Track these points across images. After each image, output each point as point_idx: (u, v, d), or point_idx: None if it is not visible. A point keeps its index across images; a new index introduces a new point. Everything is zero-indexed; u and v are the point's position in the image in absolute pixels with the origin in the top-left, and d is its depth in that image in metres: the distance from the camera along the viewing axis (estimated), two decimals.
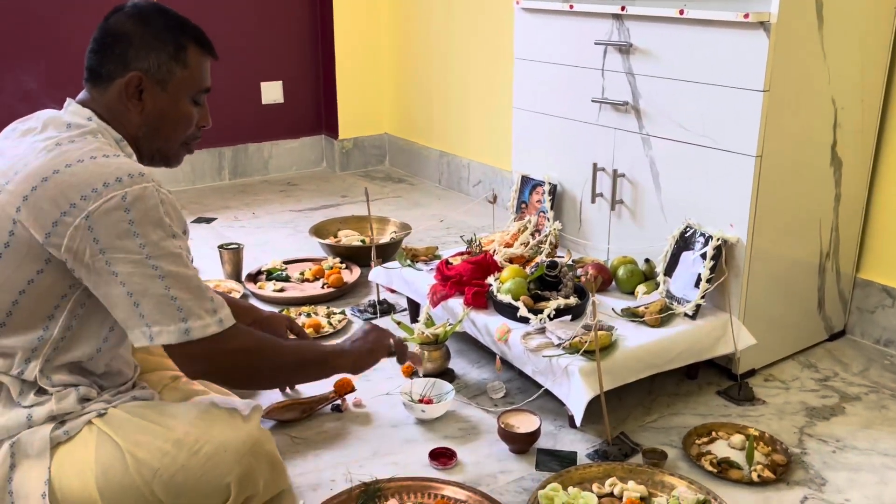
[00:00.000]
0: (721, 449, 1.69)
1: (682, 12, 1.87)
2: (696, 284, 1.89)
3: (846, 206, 2.07)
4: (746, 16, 1.73)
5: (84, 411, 1.31)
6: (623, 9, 2.01)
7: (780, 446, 1.68)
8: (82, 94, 1.37)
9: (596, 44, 2.11)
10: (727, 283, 1.89)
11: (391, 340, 1.62)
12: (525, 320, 1.86)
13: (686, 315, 1.89)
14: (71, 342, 1.31)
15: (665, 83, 1.97)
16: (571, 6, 2.15)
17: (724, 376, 1.99)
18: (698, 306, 1.88)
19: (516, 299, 1.89)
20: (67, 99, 1.37)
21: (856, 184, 2.07)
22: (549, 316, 1.84)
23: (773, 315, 2.00)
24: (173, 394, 1.55)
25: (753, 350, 1.92)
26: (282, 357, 1.42)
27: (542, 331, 1.82)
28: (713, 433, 1.74)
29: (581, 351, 1.70)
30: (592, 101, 2.16)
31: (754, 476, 1.59)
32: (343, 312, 2.35)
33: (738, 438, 1.69)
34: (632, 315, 1.90)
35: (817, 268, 2.07)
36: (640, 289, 2.01)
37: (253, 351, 1.36)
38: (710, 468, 1.62)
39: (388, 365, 2.04)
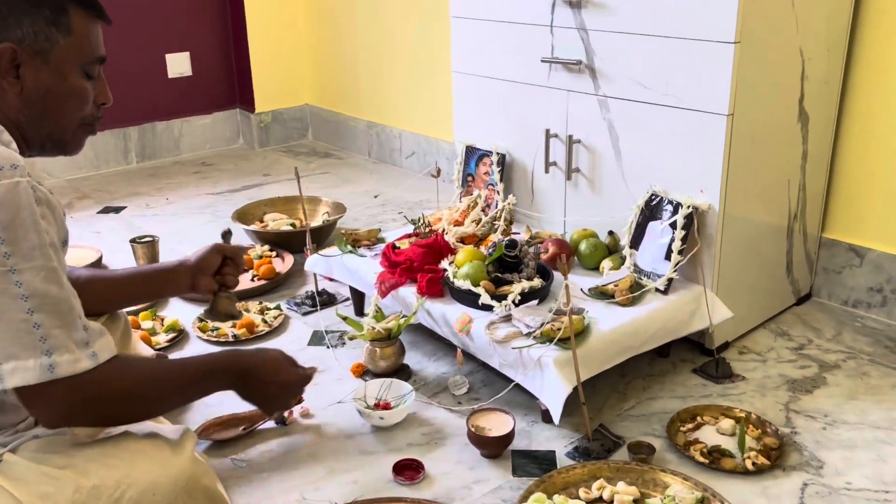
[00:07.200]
0: (709, 435, 1.56)
1: None
2: (667, 256, 1.74)
3: (812, 162, 1.95)
4: None
5: None
6: None
7: (770, 427, 1.56)
8: None
9: None
10: (699, 253, 1.75)
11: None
12: (488, 308, 1.68)
13: (658, 290, 1.75)
14: None
15: (622, 38, 1.79)
16: None
17: (697, 352, 1.86)
18: (670, 280, 1.74)
19: (476, 285, 1.71)
20: None
21: (821, 139, 1.96)
22: (513, 302, 1.67)
23: (744, 283, 1.88)
24: None
25: (726, 322, 1.80)
26: (164, 390, 1.19)
27: (507, 318, 1.65)
28: (698, 418, 1.61)
29: (555, 340, 1.54)
30: (542, 60, 1.97)
31: (748, 464, 1.46)
32: (278, 307, 2.12)
33: (726, 423, 1.56)
34: (600, 294, 1.74)
35: (786, 230, 1.96)
36: (606, 264, 1.85)
37: (127, 398, 1.12)
38: (702, 458, 1.48)
39: (336, 365, 1.84)
